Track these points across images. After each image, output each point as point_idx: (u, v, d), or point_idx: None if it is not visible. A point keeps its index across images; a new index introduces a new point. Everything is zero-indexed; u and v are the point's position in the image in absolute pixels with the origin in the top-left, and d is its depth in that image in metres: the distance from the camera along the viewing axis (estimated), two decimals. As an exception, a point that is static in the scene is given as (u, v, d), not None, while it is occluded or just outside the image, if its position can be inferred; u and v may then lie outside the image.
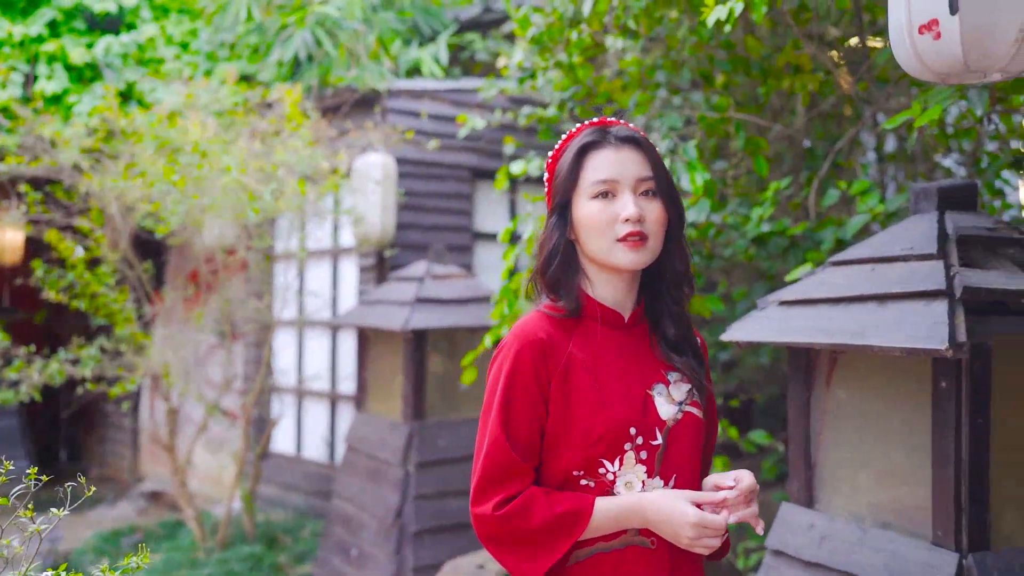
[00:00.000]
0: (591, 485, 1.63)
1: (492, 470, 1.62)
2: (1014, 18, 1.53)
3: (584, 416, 1.63)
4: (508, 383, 1.64)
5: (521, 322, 1.71)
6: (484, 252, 6.63)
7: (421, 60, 6.70)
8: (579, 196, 1.69)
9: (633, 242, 1.64)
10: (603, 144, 1.69)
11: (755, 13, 3.08)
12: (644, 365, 1.72)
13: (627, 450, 1.63)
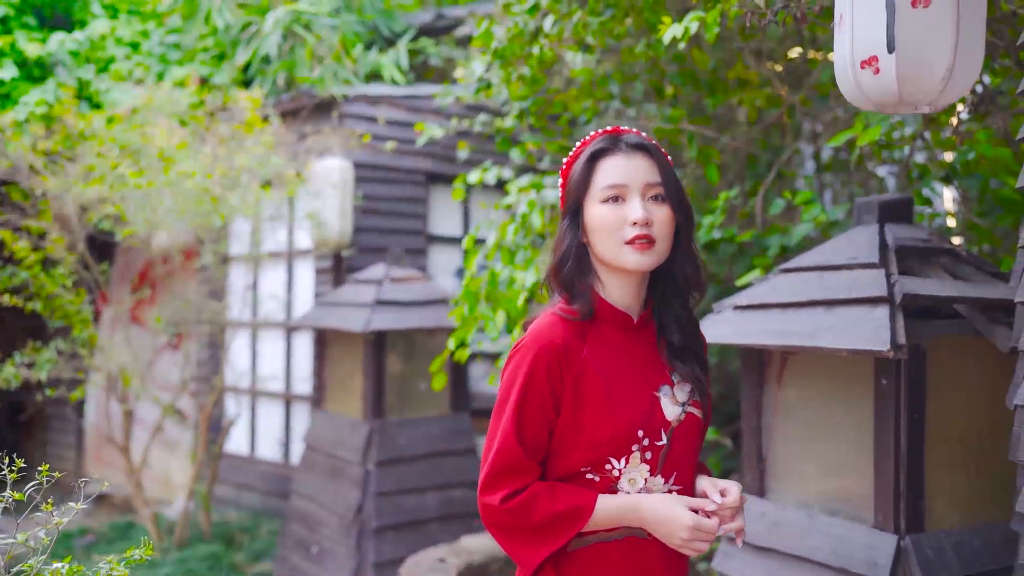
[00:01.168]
0: (596, 480, 1.71)
1: (501, 466, 1.71)
2: (942, 59, 1.73)
3: (595, 419, 1.70)
4: (524, 385, 1.70)
5: (538, 325, 1.76)
6: (438, 255, 6.77)
7: (382, 65, 6.81)
8: (590, 200, 1.75)
9: (641, 245, 1.70)
10: (614, 151, 1.75)
11: (708, 32, 3.27)
12: (651, 367, 1.79)
13: (634, 450, 1.71)
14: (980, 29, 1.74)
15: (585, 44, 4.52)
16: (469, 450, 5.59)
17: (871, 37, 1.73)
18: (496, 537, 1.75)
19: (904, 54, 1.70)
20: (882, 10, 1.72)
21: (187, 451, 7.44)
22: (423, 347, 5.55)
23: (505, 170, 5.04)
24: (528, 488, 1.70)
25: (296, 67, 6.50)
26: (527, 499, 1.69)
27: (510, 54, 4.76)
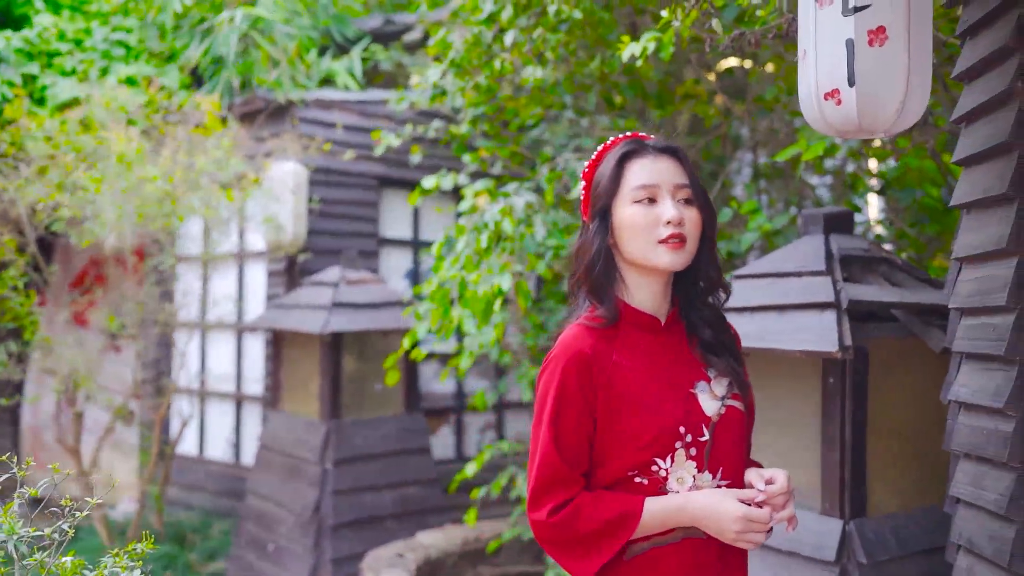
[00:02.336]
0: (645, 483, 1.69)
1: (544, 480, 1.70)
2: (896, 93, 1.94)
3: (633, 423, 1.69)
4: (557, 397, 1.70)
5: (565, 337, 1.76)
6: (389, 257, 6.88)
7: (336, 72, 6.89)
8: (620, 201, 1.75)
9: (674, 243, 1.71)
10: (643, 152, 1.76)
11: (664, 52, 3.47)
12: (685, 365, 1.78)
13: (678, 448, 1.69)
14: (928, 64, 1.96)
15: (541, 57, 4.69)
16: (423, 449, 5.73)
17: (833, 72, 1.93)
18: (548, 552, 1.73)
19: (863, 88, 1.90)
20: (843, 48, 1.92)
21: (132, 452, 7.41)
22: (378, 348, 5.66)
23: (461, 176, 5.19)
24: (573, 500, 1.69)
25: (252, 69, 6.55)
26: (572, 511, 1.68)
27: (467, 63, 4.91)
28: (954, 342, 2.31)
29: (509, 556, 5.29)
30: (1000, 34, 2.06)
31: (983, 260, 2.16)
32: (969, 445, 2.19)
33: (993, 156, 2.10)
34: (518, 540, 5.24)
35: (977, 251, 2.15)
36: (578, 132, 5.12)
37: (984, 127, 2.15)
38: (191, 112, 5.84)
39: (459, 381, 7.03)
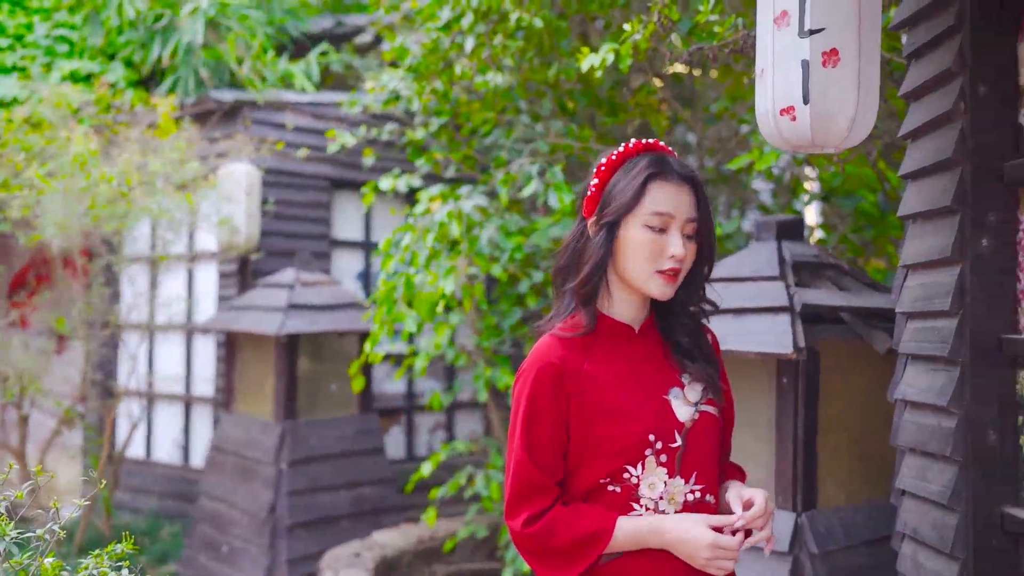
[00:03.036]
0: (618, 490, 1.71)
1: (518, 488, 1.72)
2: (846, 111, 2.06)
3: (605, 431, 1.71)
4: (528, 408, 1.73)
5: (537, 347, 1.78)
6: (341, 259, 6.91)
7: (293, 74, 6.89)
8: (633, 220, 1.73)
9: (669, 277, 1.73)
10: (667, 177, 1.74)
11: (622, 64, 3.58)
12: (658, 371, 1.79)
13: (647, 456, 1.70)
14: (876, 84, 2.09)
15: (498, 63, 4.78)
16: (378, 449, 5.78)
17: (789, 90, 2.05)
18: (524, 559, 1.76)
19: (817, 105, 2.02)
20: (798, 67, 2.04)
21: (77, 455, 7.31)
22: (332, 349, 5.70)
23: (415, 178, 5.26)
24: (549, 511, 1.72)
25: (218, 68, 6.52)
26: (547, 524, 1.71)
27: (424, 69, 4.98)
28: (900, 344, 2.46)
29: (464, 554, 5.37)
30: (944, 58, 2.21)
31: (928, 268, 2.30)
32: (914, 441, 2.34)
33: (938, 171, 2.25)
34: (472, 538, 5.32)
35: (923, 259, 2.30)
36: (532, 137, 5.22)
37: (929, 144, 2.30)
38: (142, 112, 5.81)
39: (410, 382, 7.08)
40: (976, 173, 2.12)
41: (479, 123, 5.42)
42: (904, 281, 2.45)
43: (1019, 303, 2.11)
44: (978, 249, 2.12)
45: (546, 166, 4.47)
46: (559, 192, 4.32)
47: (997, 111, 2.12)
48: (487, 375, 4.80)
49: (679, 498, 1.73)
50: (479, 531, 5.07)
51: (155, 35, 6.95)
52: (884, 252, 5.01)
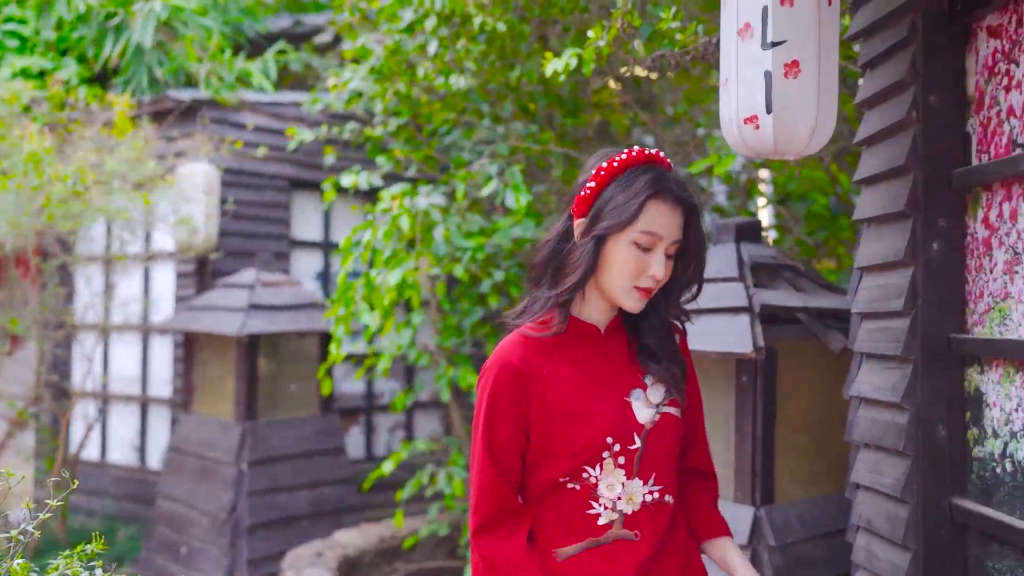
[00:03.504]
0: (577, 488, 1.73)
1: (478, 489, 1.75)
2: (808, 120, 2.15)
3: (564, 433, 1.72)
4: (489, 407, 1.74)
5: (500, 347, 1.78)
6: (300, 259, 6.90)
7: (251, 73, 6.86)
8: (622, 236, 1.71)
9: (645, 293, 1.73)
10: (665, 197, 1.72)
11: (585, 68, 3.65)
12: (621, 372, 1.80)
13: (605, 458, 1.71)
14: (835, 94, 2.17)
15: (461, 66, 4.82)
16: (339, 449, 5.79)
17: (753, 99, 2.13)
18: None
19: (779, 115, 2.10)
20: (761, 78, 2.11)
21: (30, 457, 7.20)
22: (292, 349, 5.70)
23: (375, 177, 5.28)
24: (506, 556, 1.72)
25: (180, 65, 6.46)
26: (488, 564, 1.73)
27: (387, 70, 5.01)
28: (855, 343, 2.55)
29: (424, 552, 5.40)
30: (897, 68, 2.30)
31: (882, 270, 2.40)
32: (868, 436, 2.43)
33: (891, 177, 2.35)
34: (434, 536, 5.36)
35: (877, 262, 2.39)
36: (493, 138, 5.27)
37: (883, 151, 2.40)
38: (98, 111, 5.75)
39: (369, 382, 7.09)
40: (927, 179, 2.21)
41: (440, 123, 5.46)
42: (859, 283, 2.55)
43: (967, 304, 2.21)
44: (929, 253, 2.22)
45: (505, 166, 4.52)
46: (517, 193, 4.38)
47: (947, 120, 2.22)
48: (449, 375, 4.84)
49: (637, 498, 1.74)
50: (440, 529, 5.11)
51: (106, 33, 6.88)
52: (835, 253, 5.15)
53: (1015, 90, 2.02)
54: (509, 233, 4.58)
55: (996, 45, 2.09)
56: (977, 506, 2.11)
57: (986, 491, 2.10)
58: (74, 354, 6.90)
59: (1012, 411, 2.01)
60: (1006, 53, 2.05)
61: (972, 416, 2.17)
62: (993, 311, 2.10)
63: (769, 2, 2.10)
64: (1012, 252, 2.02)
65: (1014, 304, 2.01)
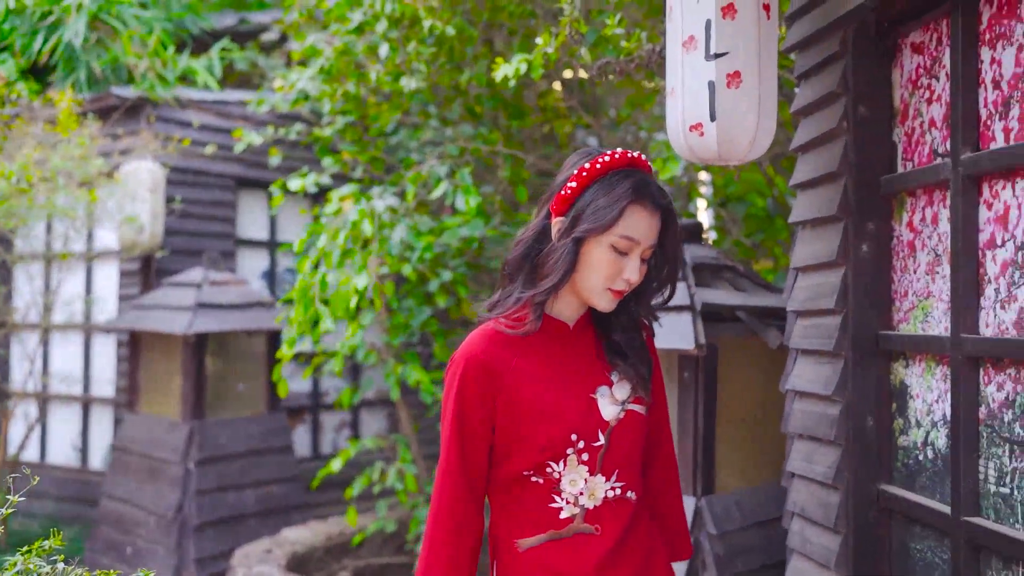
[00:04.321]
0: (540, 482, 1.74)
1: (439, 483, 1.77)
2: (748, 129, 2.27)
3: (530, 427, 1.73)
4: (456, 400, 1.75)
5: (469, 339, 1.79)
6: (246, 258, 6.89)
7: (195, 70, 6.83)
8: (601, 239, 1.71)
9: (617, 294, 1.75)
10: (645, 203, 1.72)
11: (534, 73, 3.75)
12: (588, 369, 1.81)
13: (569, 454, 1.72)
14: (774, 103, 2.30)
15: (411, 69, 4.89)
16: (286, 447, 5.81)
17: (697, 108, 2.25)
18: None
19: (723, 123, 2.22)
20: (706, 88, 2.23)
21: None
22: (240, 348, 5.71)
23: (323, 177, 5.32)
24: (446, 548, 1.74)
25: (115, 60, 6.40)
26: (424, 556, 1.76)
27: (336, 71, 5.05)
28: (791, 340, 2.69)
29: (372, 549, 5.46)
30: (829, 80, 2.44)
31: (816, 270, 2.54)
32: (803, 427, 2.57)
33: (824, 183, 2.49)
34: (381, 533, 5.42)
35: (811, 262, 2.53)
36: (440, 140, 5.35)
37: (817, 157, 2.54)
38: (39, 107, 5.69)
39: (315, 380, 7.11)
40: (857, 185, 2.35)
41: (387, 123, 5.52)
42: (794, 282, 2.69)
43: (894, 303, 2.36)
44: (859, 254, 2.36)
45: (455, 168, 4.61)
46: (467, 194, 4.47)
47: (875, 130, 2.36)
48: (398, 373, 4.90)
49: (599, 494, 1.75)
50: (388, 526, 5.17)
51: (37, 31, 6.79)
52: (772, 254, 5.34)
53: (936, 103, 2.17)
54: (457, 233, 4.66)
55: (919, 61, 2.24)
56: (902, 491, 2.26)
57: (910, 477, 2.25)
58: (14, 354, 6.80)
59: (933, 402, 2.16)
60: (927, 68, 2.20)
61: (898, 407, 2.32)
62: (916, 309, 2.25)
63: (712, 16, 2.22)
64: (933, 254, 2.17)
65: (935, 302, 2.16)
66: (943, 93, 2.14)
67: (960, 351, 1.99)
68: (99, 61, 6.41)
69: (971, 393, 1.98)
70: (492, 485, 1.81)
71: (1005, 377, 1.89)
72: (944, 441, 2.11)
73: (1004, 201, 1.91)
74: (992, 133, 1.96)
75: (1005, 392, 1.89)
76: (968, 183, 2.00)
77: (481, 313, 1.85)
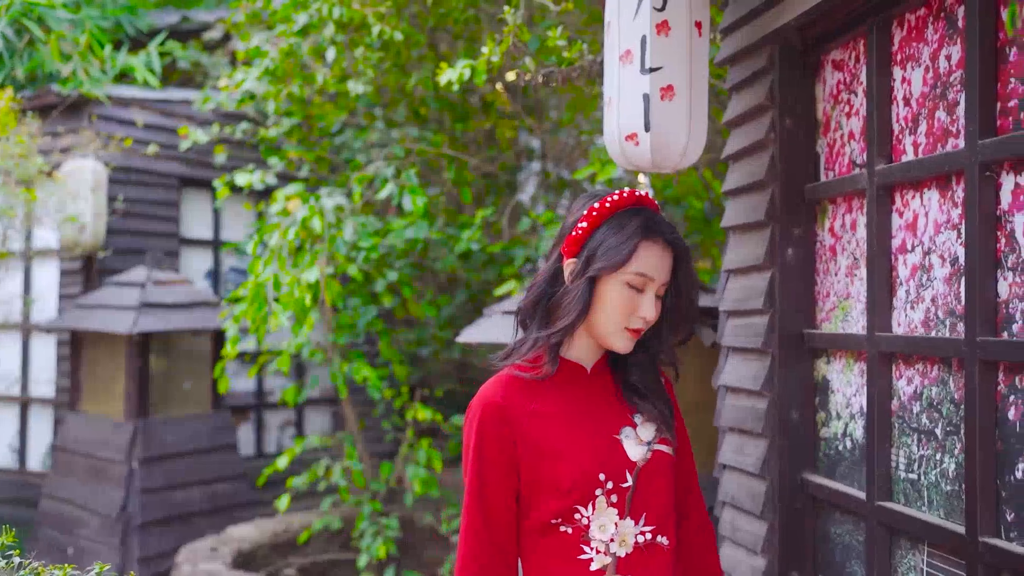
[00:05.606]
0: (568, 531, 1.68)
1: (466, 552, 1.70)
2: (680, 139, 2.41)
3: (554, 470, 1.67)
4: (476, 449, 1.71)
5: (484, 387, 1.75)
6: (190, 258, 6.87)
7: (133, 67, 6.78)
8: (615, 277, 1.70)
9: (635, 333, 1.73)
10: (656, 238, 1.72)
11: (477, 79, 3.86)
12: (610, 410, 1.76)
13: (598, 495, 1.66)
14: (705, 114, 2.44)
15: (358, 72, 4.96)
16: (231, 446, 5.83)
17: (633, 118, 2.38)
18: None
19: (656, 133, 2.35)
20: (640, 100, 2.36)
21: None
22: (185, 348, 5.71)
23: (269, 176, 5.36)
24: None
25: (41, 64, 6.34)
26: None
27: (281, 72, 5.10)
28: (723, 338, 2.83)
29: (318, 546, 5.51)
30: (758, 93, 2.59)
31: (745, 272, 2.69)
32: (733, 421, 2.72)
33: (753, 190, 2.63)
34: (327, 529, 5.47)
35: (741, 265, 2.68)
36: (386, 141, 5.42)
37: (746, 166, 2.68)
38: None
39: (260, 379, 7.13)
40: (783, 193, 2.50)
41: (332, 124, 5.58)
42: (726, 284, 2.83)
43: (817, 303, 2.51)
44: (785, 257, 2.51)
45: (401, 169, 4.70)
46: (413, 195, 4.56)
47: (800, 141, 2.52)
48: (344, 371, 4.97)
49: (630, 540, 1.69)
50: (334, 523, 5.23)
51: None
52: (709, 255, 5.52)
53: (854, 117, 2.32)
54: (403, 234, 4.75)
55: (839, 77, 2.40)
56: (824, 480, 2.41)
57: (831, 466, 2.41)
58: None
59: (851, 396, 2.32)
60: (847, 84, 2.36)
61: (820, 401, 2.47)
62: (837, 309, 2.40)
63: (647, 32, 2.35)
64: (852, 258, 2.33)
65: (854, 303, 2.32)
66: (861, 108, 2.30)
67: (875, 348, 2.15)
68: (25, 65, 6.33)
69: (884, 387, 2.14)
70: (519, 543, 1.74)
71: (914, 372, 2.05)
72: (861, 432, 2.27)
73: (913, 210, 2.07)
74: (903, 146, 2.12)
75: (914, 386, 2.05)
76: (882, 192, 2.16)
77: (495, 363, 1.81)
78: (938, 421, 1.97)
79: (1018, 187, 1.75)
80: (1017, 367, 1.73)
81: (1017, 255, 1.74)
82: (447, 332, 5.90)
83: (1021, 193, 1.74)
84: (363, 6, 4.34)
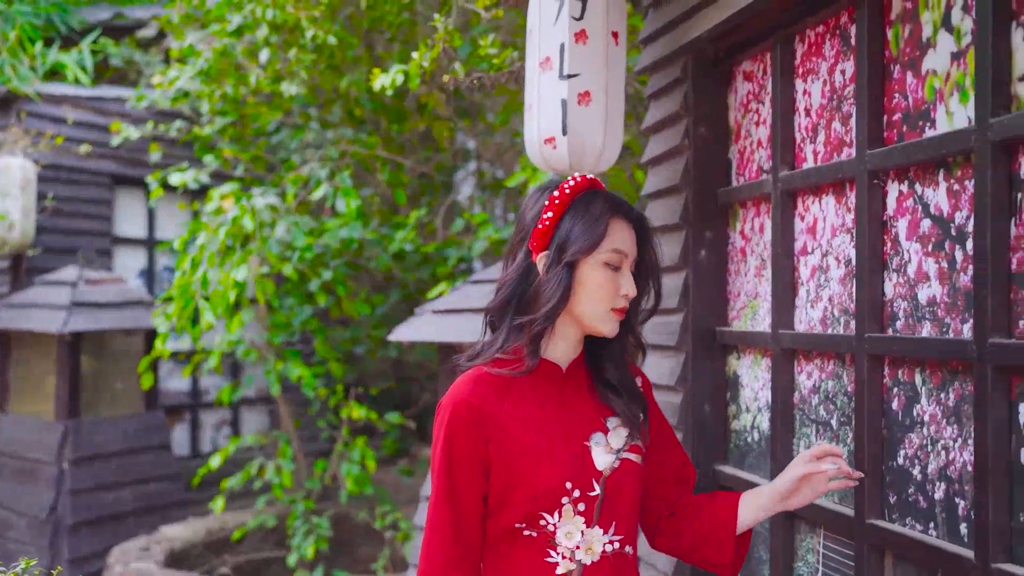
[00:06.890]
0: (534, 535, 1.64)
1: (431, 549, 1.66)
2: (596, 143, 2.51)
3: (522, 475, 1.64)
4: (445, 448, 1.66)
5: (455, 384, 1.70)
6: (123, 257, 6.81)
7: (64, 64, 6.70)
8: (592, 259, 1.68)
9: (620, 313, 1.71)
10: (621, 216, 1.72)
11: (411, 83, 3.93)
12: (582, 414, 1.73)
13: (564, 504, 1.63)
14: (620, 120, 2.55)
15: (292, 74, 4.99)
16: (164, 445, 5.81)
17: (551, 123, 2.47)
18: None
19: (573, 137, 2.45)
20: (559, 105, 2.46)
21: None
22: (116, 347, 5.68)
23: (203, 175, 5.35)
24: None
25: None
26: None
27: (215, 72, 5.11)
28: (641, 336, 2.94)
29: (253, 544, 5.52)
30: (673, 102, 2.70)
31: (664, 272, 2.80)
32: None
33: (669, 194, 2.75)
34: (261, 527, 5.49)
35: (658, 265, 2.79)
36: (321, 141, 5.46)
37: (664, 171, 2.80)
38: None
39: (195, 379, 7.09)
40: (697, 197, 2.62)
41: (266, 124, 5.59)
42: (645, 283, 2.94)
43: (728, 302, 2.63)
44: (699, 259, 2.63)
45: (335, 170, 4.74)
46: (347, 197, 4.61)
47: (713, 148, 2.63)
48: (278, 369, 4.99)
49: (597, 548, 1.66)
50: (268, 521, 5.25)
51: None
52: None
53: (762, 125, 2.45)
54: (337, 234, 4.79)
55: (749, 87, 2.52)
56: (735, 470, 2.53)
57: (741, 457, 2.53)
58: None
59: (759, 390, 2.44)
60: (756, 95, 2.48)
61: (731, 395, 2.60)
62: (747, 308, 2.53)
63: (566, 40, 2.45)
64: (760, 259, 2.45)
65: (761, 302, 2.44)
66: (767, 117, 2.42)
67: (778, 345, 2.27)
68: None
69: (787, 381, 2.26)
70: (484, 543, 1.70)
71: (813, 367, 2.18)
72: (767, 424, 2.39)
73: (813, 214, 2.20)
74: (805, 154, 2.24)
75: (813, 380, 2.18)
76: (785, 197, 2.28)
77: (461, 364, 1.76)
78: (833, 412, 2.10)
79: (902, 194, 1.88)
80: (899, 361, 1.86)
81: (901, 257, 1.87)
82: (382, 331, 5.95)
83: (904, 200, 1.87)
84: (296, 9, 4.38)
